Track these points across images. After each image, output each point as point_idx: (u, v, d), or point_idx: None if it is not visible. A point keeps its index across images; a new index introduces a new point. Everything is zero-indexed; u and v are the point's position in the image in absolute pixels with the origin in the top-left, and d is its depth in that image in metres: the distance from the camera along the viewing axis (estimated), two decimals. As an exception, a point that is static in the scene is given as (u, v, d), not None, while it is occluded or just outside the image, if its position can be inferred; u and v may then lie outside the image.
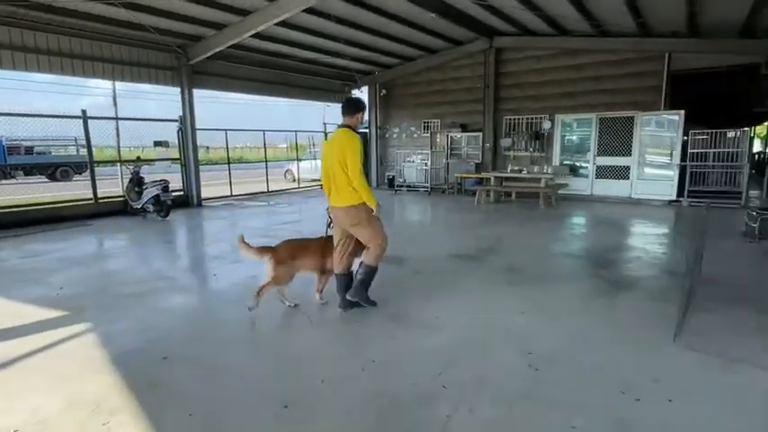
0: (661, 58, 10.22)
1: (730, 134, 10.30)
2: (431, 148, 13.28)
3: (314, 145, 17.41)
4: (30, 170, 19.43)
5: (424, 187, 13.30)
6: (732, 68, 10.10)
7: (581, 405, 2.46)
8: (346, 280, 3.79)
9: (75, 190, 9.59)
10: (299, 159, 15.73)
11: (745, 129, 10.79)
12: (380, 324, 3.60)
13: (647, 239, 6.91)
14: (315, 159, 16.91)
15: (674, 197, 10.32)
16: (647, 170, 10.81)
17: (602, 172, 11.40)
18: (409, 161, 13.84)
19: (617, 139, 11.08)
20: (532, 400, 2.51)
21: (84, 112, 9.04)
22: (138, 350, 3.14)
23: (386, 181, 14.84)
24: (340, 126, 3.70)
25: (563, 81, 11.58)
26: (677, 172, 10.32)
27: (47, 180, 19.39)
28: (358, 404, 2.47)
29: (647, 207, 10.11)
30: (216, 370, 2.89)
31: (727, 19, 8.51)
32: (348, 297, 3.73)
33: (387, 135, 15.25)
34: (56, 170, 19.97)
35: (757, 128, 26.48)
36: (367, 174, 14.67)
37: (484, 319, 3.68)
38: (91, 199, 9.42)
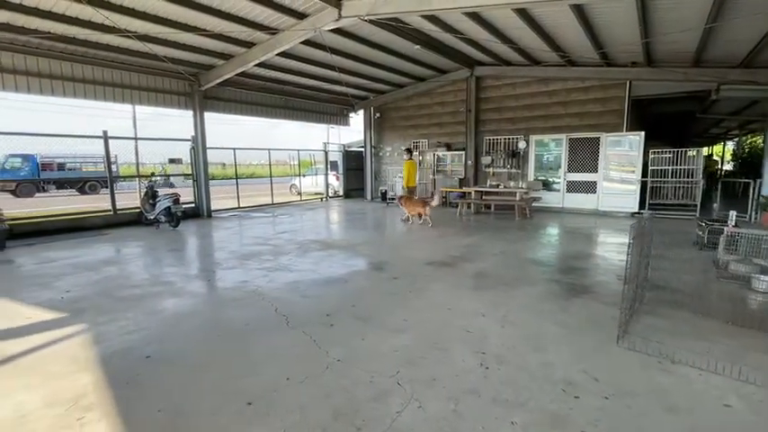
0: (623, 85, 10.26)
1: (690, 153, 10.29)
2: (419, 166, 13.26)
3: (315, 162, 17.41)
4: (62, 184, 19.53)
5: (413, 200, 13.26)
6: (687, 94, 10.12)
7: (523, 401, 2.40)
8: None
9: (102, 203, 9.69)
10: (301, 175, 15.75)
11: (700, 148, 10.79)
12: (352, 326, 3.53)
13: (608, 248, 6.83)
14: (316, 175, 16.89)
15: (636, 209, 10.27)
16: (612, 185, 10.77)
17: (573, 187, 11.37)
18: (400, 177, 13.80)
19: (585, 157, 11.07)
20: (478, 397, 2.44)
21: (105, 132, 9.06)
22: (125, 350, 3.08)
23: (379, 194, 14.80)
24: (410, 159, 10.67)
25: (536, 105, 11.62)
26: (639, 186, 10.29)
27: (77, 193, 19.45)
28: (316, 401, 2.40)
29: (612, 219, 10.06)
30: (193, 368, 2.82)
31: (680, 50, 8.57)
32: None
33: (380, 154, 15.28)
34: (84, 184, 20.02)
35: (715, 147, 26.51)
36: (362, 188, 14.74)
37: (447, 322, 3.61)
38: (110, 210, 9.41)
